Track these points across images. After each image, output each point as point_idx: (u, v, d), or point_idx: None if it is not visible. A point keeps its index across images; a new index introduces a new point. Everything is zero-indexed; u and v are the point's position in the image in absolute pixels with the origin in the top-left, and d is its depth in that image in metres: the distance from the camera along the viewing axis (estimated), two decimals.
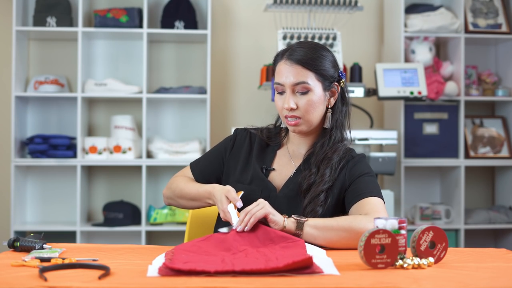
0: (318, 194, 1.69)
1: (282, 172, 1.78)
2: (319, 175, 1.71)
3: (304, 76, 1.70)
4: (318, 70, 1.72)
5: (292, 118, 1.72)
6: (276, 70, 1.76)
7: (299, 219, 1.58)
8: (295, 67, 1.70)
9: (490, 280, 1.23)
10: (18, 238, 1.50)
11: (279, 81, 1.73)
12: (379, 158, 3.28)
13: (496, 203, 4.07)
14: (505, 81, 4.01)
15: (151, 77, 3.87)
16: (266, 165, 1.79)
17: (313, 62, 1.71)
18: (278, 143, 1.84)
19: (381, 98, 3.47)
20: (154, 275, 1.22)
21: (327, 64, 1.74)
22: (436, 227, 1.38)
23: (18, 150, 3.64)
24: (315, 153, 1.76)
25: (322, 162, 1.73)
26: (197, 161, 1.89)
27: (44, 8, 3.67)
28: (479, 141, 3.93)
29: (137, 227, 3.67)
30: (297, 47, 1.74)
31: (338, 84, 1.78)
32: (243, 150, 1.83)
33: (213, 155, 1.87)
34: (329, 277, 1.22)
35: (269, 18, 3.74)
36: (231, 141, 1.86)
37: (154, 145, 3.70)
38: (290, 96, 1.71)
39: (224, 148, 1.86)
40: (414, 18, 3.78)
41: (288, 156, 1.81)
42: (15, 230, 3.58)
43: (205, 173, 1.85)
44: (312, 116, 1.72)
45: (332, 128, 1.77)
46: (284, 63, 1.73)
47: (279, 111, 1.77)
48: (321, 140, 1.77)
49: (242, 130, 1.88)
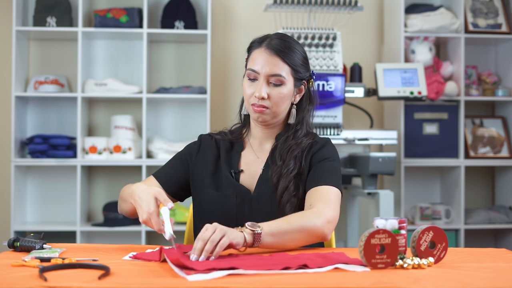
0: (287, 185, 1.69)
1: (251, 171, 1.77)
2: (285, 165, 1.71)
3: (281, 69, 1.70)
4: (295, 66, 1.72)
5: (259, 106, 1.71)
6: (251, 56, 1.74)
7: (255, 230, 1.44)
8: (274, 58, 1.70)
9: (490, 280, 1.23)
10: (18, 238, 1.50)
11: (254, 68, 1.71)
12: (379, 158, 3.28)
13: (496, 203, 4.07)
14: (505, 81, 4.01)
15: (151, 77, 3.87)
16: (234, 169, 1.77)
17: (292, 57, 1.72)
18: (241, 142, 1.82)
19: (381, 98, 3.47)
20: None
21: (302, 61, 1.75)
22: (436, 227, 1.38)
23: (18, 150, 3.64)
24: (279, 147, 1.76)
25: (287, 155, 1.72)
26: (161, 170, 1.83)
27: (44, 8, 3.67)
28: (479, 141, 3.93)
29: (137, 227, 3.67)
30: (276, 38, 1.73)
31: (306, 83, 1.79)
32: (210, 156, 1.80)
33: (177, 161, 1.82)
34: (329, 277, 1.22)
35: (269, 18, 3.74)
36: (196, 145, 1.83)
37: (154, 145, 3.70)
38: (263, 85, 1.70)
39: (188, 154, 1.82)
40: (414, 18, 3.78)
41: (252, 153, 1.80)
42: (15, 230, 3.58)
43: (172, 179, 1.79)
44: (279, 108, 1.73)
45: (298, 124, 1.78)
46: (264, 51, 1.71)
47: (246, 98, 1.74)
48: (284, 134, 1.77)
49: (206, 136, 1.85)
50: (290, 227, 1.53)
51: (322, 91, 3.28)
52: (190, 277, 1.17)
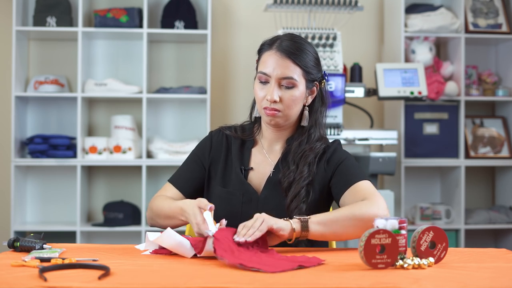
0: (299, 191, 1.67)
1: (260, 171, 1.76)
2: (298, 172, 1.70)
3: (293, 72, 1.68)
4: (306, 67, 1.70)
5: (271, 109, 1.69)
6: (262, 59, 1.73)
7: (302, 218, 1.53)
8: (285, 60, 1.68)
9: (490, 280, 1.23)
10: (18, 238, 1.50)
11: (265, 71, 1.70)
12: (379, 158, 3.28)
13: (496, 203, 4.07)
14: (505, 81, 4.01)
15: (151, 77, 3.87)
16: (244, 165, 1.76)
17: (303, 59, 1.70)
18: (252, 140, 1.80)
19: (381, 98, 3.47)
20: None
21: (313, 62, 1.73)
22: (436, 227, 1.38)
23: (18, 150, 3.64)
24: (292, 151, 1.74)
25: (300, 160, 1.71)
26: (177, 175, 1.82)
27: (44, 8, 3.67)
28: (479, 141, 3.93)
29: (137, 227, 3.67)
30: (286, 39, 1.71)
31: (319, 84, 1.77)
32: (221, 152, 1.79)
33: (192, 163, 1.81)
34: (329, 277, 1.22)
35: (269, 18, 3.74)
36: (208, 143, 1.82)
37: (154, 145, 3.70)
38: (275, 88, 1.68)
39: (202, 154, 1.81)
40: (414, 18, 3.78)
41: (263, 152, 1.79)
42: (15, 230, 3.58)
43: (188, 183, 1.79)
44: (291, 111, 1.71)
45: (311, 127, 1.76)
46: (274, 53, 1.69)
47: (258, 101, 1.72)
48: (298, 138, 1.75)
49: (217, 132, 1.83)
50: (339, 215, 1.55)
51: None
52: (221, 258, 1.33)
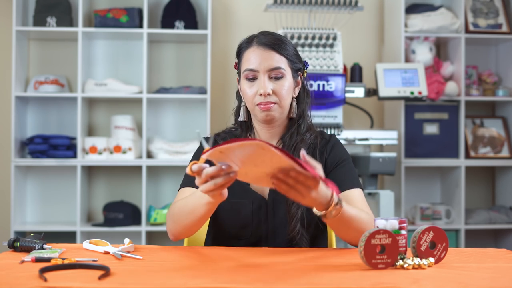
0: None
1: None
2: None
3: (279, 62, 1.68)
4: (291, 57, 1.71)
5: (266, 103, 1.67)
6: (244, 58, 1.71)
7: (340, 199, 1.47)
8: (269, 52, 1.68)
9: (490, 281, 1.22)
10: (18, 238, 1.50)
11: (251, 67, 1.67)
12: (379, 158, 3.28)
13: (497, 203, 4.07)
14: (506, 81, 4.01)
15: (151, 77, 3.87)
16: None
17: (286, 49, 1.70)
18: None
19: (382, 98, 3.47)
20: None
21: (294, 51, 1.73)
22: (437, 227, 1.38)
23: (18, 150, 3.64)
24: (285, 145, 1.73)
25: (293, 153, 1.69)
26: (186, 178, 1.74)
27: (44, 8, 3.67)
28: (480, 141, 3.93)
29: (137, 227, 3.67)
30: (263, 35, 1.72)
31: (301, 74, 1.77)
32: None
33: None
34: (329, 277, 1.22)
35: (269, 18, 3.74)
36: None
37: (154, 145, 3.70)
38: (266, 81, 1.67)
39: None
40: (415, 18, 3.78)
41: None
42: (15, 230, 3.58)
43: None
44: (286, 102, 1.70)
45: (300, 118, 1.75)
46: (256, 48, 1.68)
47: (249, 100, 1.70)
48: (289, 131, 1.75)
49: (211, 139, 1.79)
50: (357, 212, 1.54)
51: (322, 91, 3.28)
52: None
